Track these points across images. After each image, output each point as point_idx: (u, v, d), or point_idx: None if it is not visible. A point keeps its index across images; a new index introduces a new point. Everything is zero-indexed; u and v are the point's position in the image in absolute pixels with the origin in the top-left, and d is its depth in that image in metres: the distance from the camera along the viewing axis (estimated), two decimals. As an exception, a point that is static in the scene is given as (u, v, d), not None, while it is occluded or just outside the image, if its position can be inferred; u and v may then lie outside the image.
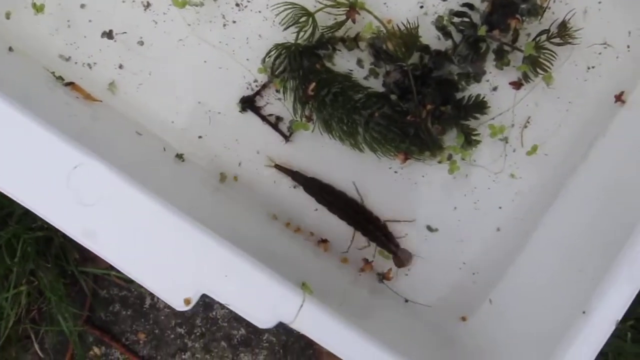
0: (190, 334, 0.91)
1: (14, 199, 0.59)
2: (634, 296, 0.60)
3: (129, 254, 0.59)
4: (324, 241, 0.77)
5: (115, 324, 0.90)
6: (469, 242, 0.78)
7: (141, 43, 0.79)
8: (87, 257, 0.88)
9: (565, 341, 0.60)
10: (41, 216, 0.59)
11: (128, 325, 0.90)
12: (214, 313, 0.89)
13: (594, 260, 0.64)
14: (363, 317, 0.65)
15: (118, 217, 0.59)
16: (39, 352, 0.89)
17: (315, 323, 0.58)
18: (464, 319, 0.76)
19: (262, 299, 0.59)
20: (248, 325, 0.90)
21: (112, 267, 0.80)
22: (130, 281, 0.88)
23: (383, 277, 0.76)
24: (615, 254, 0.60)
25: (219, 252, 0.59)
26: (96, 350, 0.91)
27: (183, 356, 0.91)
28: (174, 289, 0.59)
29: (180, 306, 0.59)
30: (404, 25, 0.72)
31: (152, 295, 0.90)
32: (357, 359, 0.58)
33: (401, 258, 0.76)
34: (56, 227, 0.59)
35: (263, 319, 0.58)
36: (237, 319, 0.90)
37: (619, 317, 0.60)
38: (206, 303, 0.89)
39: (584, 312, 0.60)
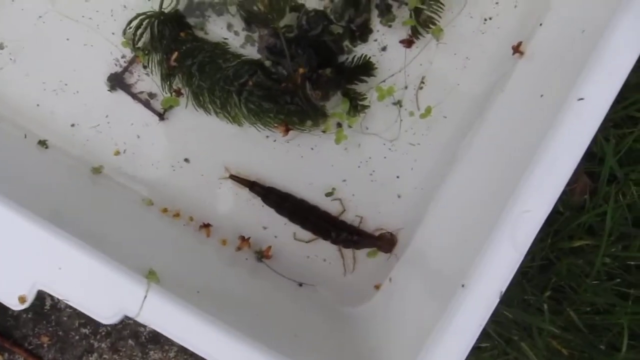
0: (95, 334, 0.85)
1: None
2: (517, 263, 0.53)
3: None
4: (206, 226, 0.70)
5: (16, 329, 0.85)
6: (366, 217, 0.71)
7: (-3, 23, 0.72)
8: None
9: (447, 317, 0.54)
10: None
11: (30, 329, 0.85)
12: (118, 310, 0.84)
13: (484, 227, 0.58)
14: (232, 304, 0.60)
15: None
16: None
17: (163, 315, 0.52)
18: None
19: (103, 291, 0.53)
20: (156, 321, 0.85)
21: None
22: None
23: (262, 255, 0.69)
24: (497, 219, 0.54)
25: (54, 245, 0.53)
26: (-1, 357, 0.86)
27: (90, 358, 0.85)
28: (7, 287, 0.53)
29: (15, 305, 0.53)
30: (273, -16, 0.65)
31: (51, 295, 0.85)
32: (212, 352, 0.52)
33: (387, 243, 0.70)
34: None
35: (105, 314, 0.53)
36: (142, 315, 0.84)
37: (503, 287, 0.53)
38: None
39: (463, 286, 0.53)
